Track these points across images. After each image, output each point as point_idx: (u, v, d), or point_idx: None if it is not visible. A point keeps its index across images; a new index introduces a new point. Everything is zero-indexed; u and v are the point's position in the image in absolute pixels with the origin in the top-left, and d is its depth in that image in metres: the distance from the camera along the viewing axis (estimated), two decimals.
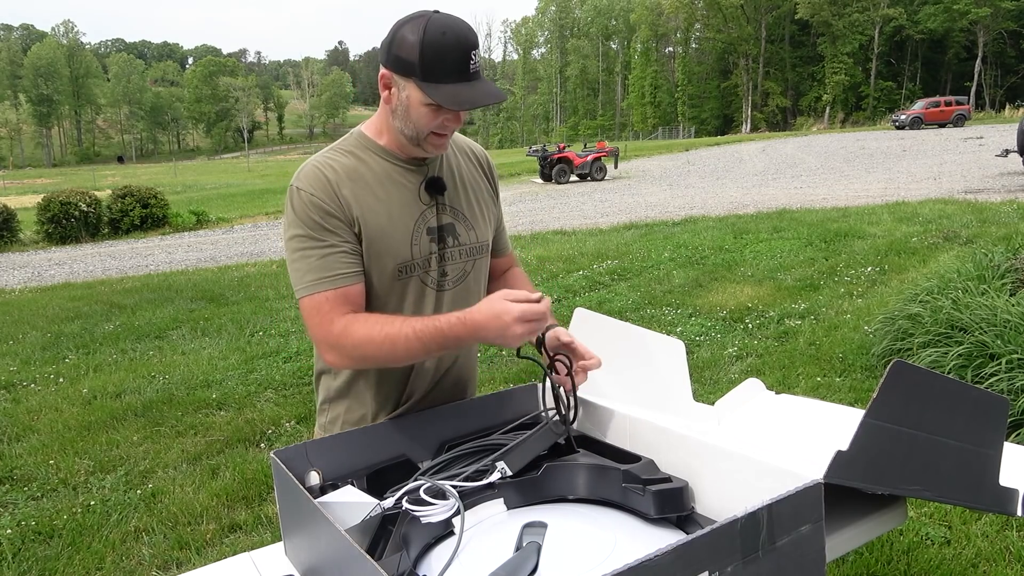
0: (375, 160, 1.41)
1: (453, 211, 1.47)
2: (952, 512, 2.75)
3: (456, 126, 1.37)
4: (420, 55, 1.26)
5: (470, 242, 1.49)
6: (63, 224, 14.76)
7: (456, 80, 1.27)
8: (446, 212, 1.46)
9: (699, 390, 4.17)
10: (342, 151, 1.42)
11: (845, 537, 1.12)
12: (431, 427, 1.42)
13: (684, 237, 9.55)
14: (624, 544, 1.04)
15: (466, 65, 1.27)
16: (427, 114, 1.32)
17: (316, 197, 1.34)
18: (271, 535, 2.93)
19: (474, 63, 1.28)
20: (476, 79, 1.30)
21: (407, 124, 1.35)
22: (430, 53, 1.25)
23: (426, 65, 1.26)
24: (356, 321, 1.32)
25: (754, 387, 1.51)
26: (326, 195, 1.34)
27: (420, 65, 1.26)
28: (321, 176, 1.36)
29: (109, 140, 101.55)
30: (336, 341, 1.33)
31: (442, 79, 1.27)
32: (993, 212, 9.54)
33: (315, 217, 1.34)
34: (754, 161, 24.68)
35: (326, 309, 1.33)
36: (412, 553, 1.09)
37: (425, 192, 1.43)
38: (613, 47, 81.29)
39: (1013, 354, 3.40)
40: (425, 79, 1.27)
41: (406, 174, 1.43)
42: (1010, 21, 49.03)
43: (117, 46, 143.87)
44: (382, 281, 1.40)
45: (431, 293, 1.45)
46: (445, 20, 1.27)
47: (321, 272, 1.33)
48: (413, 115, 1.33)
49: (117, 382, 5.07)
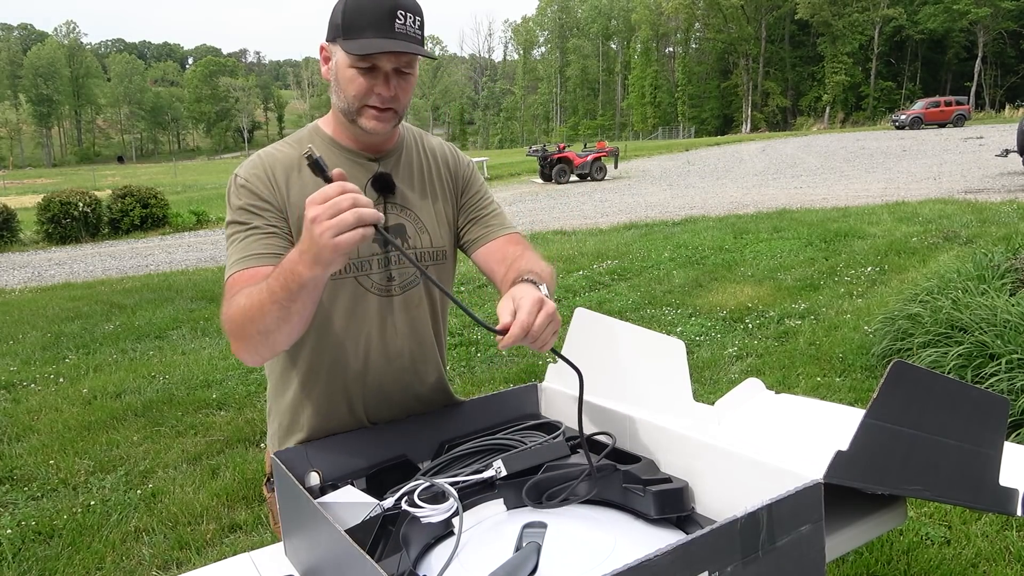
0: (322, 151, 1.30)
1: (404, 211, 1.38)
2: (952, 512, 2.75)
3: (388, 94, 1.26)
4: (343, 13, 1.21)
5: (421, 246, 1.39)
6: (63, 224, 14.76)
7: (375, 34, 1.20)
8: (395, 211, 1.37)
9: (699, 390, 4.17)
10: (289, 143, 1.37)
11: (845, 537, 1.12)
12: (431, 427, 1.42)
13: (684, 237, 9.55)
14: (624, 544, 1.04)
15: (389, 21, 1.19)
16: (353, 78, 1.24)
17: (248, 183, 1.28)
18: (271, 535, 2.92)
19: (400, 22, 1.20)
20: (402, 38, 1.21)
21: (340, 96, 1.28)
22: (351, 9, 1.21)
23: (347, 21, 1.21)
24: (235, 296, 1.18)
25: (754, 387, 1.51)
26: (258, 180, 1.29)
27: (342, 24, 1.21)
28: (258, 164, 1.31)
29: (109, 140, 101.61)
30: (226, 321, 1.18)
31: (361, 34, 1.20)
32: (993, 212, 9.54)
33: (244, 202, 1.28)
34: (754, 161, 24.68)
35: (230, 293, 1.20)
36: (412, 553, 1.09)
37: (372, 188, 1.34)
38: (613, 47, 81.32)
39: (1013, 354, 3.40)
40: (346, 36, 1.21)
41: (353, 168, 1.34)
42: (1010, 21, 49.06)
43: (117, 46, 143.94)
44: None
45: (373, 298, 1.35)
46: None
47: (239, 255, 1.24)
48: (342, 83, 1.26)
49: (117, 382, 5.07)
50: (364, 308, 1.35)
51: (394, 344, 1.40)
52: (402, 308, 1.39)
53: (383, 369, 1.40)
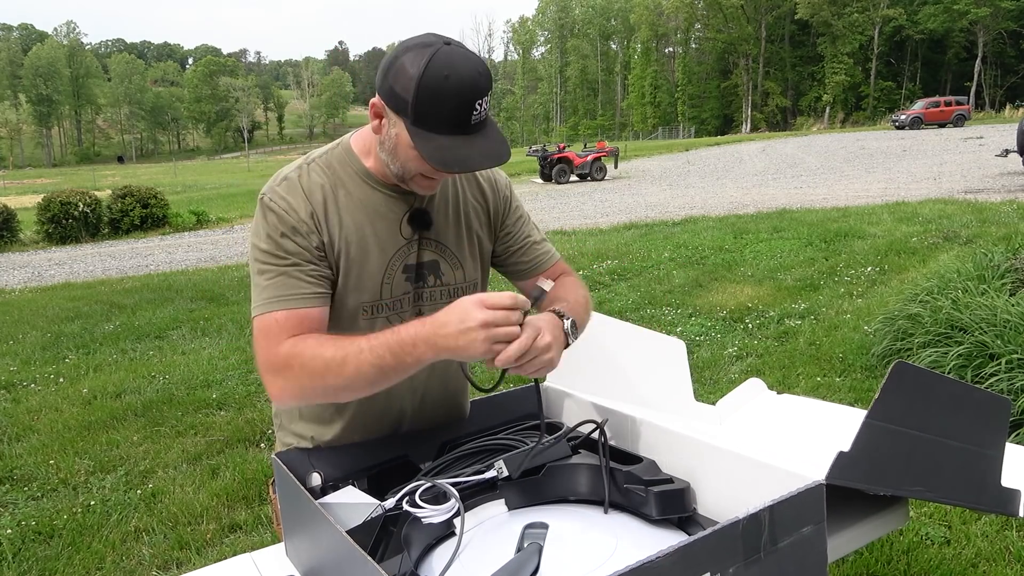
0: (356, 184, 1.26)
1: (439, 247, 1.33)
2: (952, 512, 2.75)
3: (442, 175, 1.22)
4: (415, 95, 1.08)
5: (455, 282, 1.35)
6: (63, 224, 14.76)
7: (451, 132, 1.10)
8: (430, 248, 1.32)
9: (699, 390, 4.17)
10: (323, 166, 1.27)
11: (846, 538, 1.12)
12: (432, 428, 1.42)
13: (684, 237, 9.55)
14: (626, 545, 1.04)
15: (467, 116, 1.10)
16: (415, 159, 1.16)
17: (288, 213, 1.21)
18: (271, 535, 2.92)
19: (477, 113, 1.11)
20: (477, 132, 1.12)
21: (394, 162, 1.21)
22: (426, 96, 1.08)
23: (419, 108, 1.09)
24: (305, 340, 1.16)
25: (755, 387, 1.51)
26: (297, 211, 1.21)
27: (413, 106, 1.09)
28: (296, 190, 1.23)
29: (109, 140, 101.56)
30: (282, 363, 1.15)
31: (435, 128, 1.10)
32: (993, 212, 9.54)
33: (282, 231, 1.20)
34: (754, 161, 24.69)
35: (275, 331, 1.18)
36: (413, 554, 1.09)
37: (408, 225, 1.28)
38: (613, 47, 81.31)
39: (1013, 354, 3.40)
40: (416, 123, 1.11)
41: (389, 202, 1.27)
42: (1010, 21, 49.05)
43: (118, 46, 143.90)
44: (344, 317, 1.27)
45: None
46: (452, 58, 1.09)
47: (277, 291, 1.19)
48: (400, 156, 1.18)
49: (117, 382, 5.07)
50: None
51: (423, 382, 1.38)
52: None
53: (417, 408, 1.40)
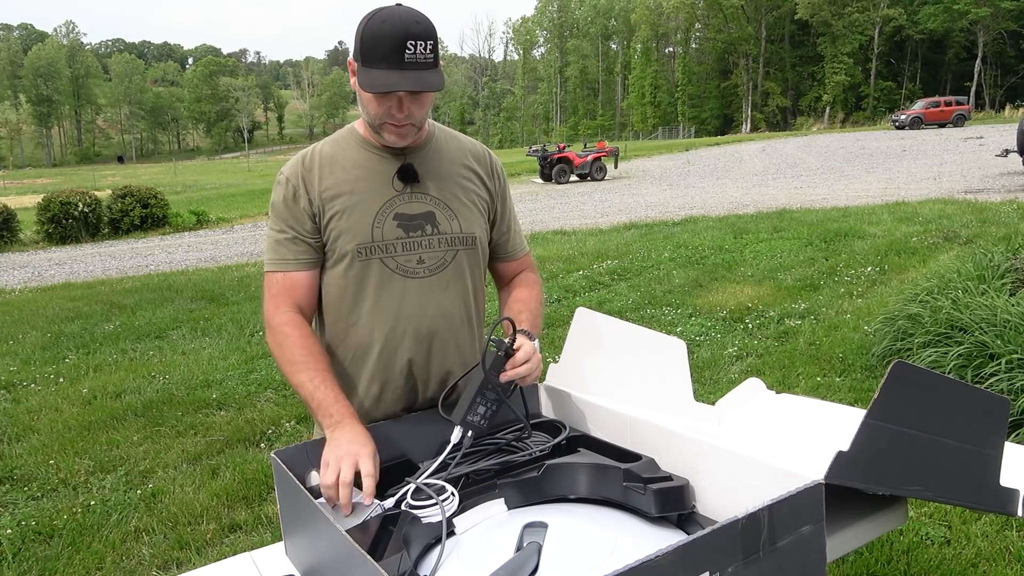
0: (354, 148, 1.47)
1: (434, 200, 1.48)
2: (952, 512, 2.75)
3: (401, 115, 1.37)
4: (360, 39, 1.30)
5: (451, 231, 1.48)
6: (63, 224, 14.76)
7: (386, 67, 1.28)
8: (425, 200, 1.47)
9: (699, 390, 4.17)
10: (328, 141, 1.51)
11: (846, 537, 1.12)
12: (431, 427, 1.42)
13: (684, 237, 9.55)
14: (625, 544, 1.04)
15: (399, 52, 1.27)
16: (370, 100, 1.36)
17: (289, 181, 1.45)
18: (271, 535, 2.93)
19: (411, 53, 1.27)
20: (411, 68, 1.29)
21: (363, 112, 1.41)
22: (368, 38, 1.29)
23: (364, 50, 1.30)
24: (296, 328, 1.42)
25: (755, 387, 1.51)
26: (296, 179, 1.44)
27: (360, 49, 1.31)
28: (298, 161, 1.47)
29: (109, 140, 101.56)
30: (275, 329, 1.44)
31: (374, 64, 1.29)
32: (993, 212, 9.54)
33: (284, 199, 1.45)
34: (754, 161, 24.68)
35: (274, 291, 1.46)
36: (413, 553, 1.09)
37: (398, 179, 1.46)
38: (613, 47, 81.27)
39: (1013, 354, 3.40)
40: (363, 63, 1.31)
41: (381, 161, 1.46)
42: (1010, 21, 49.03)
43: (118, 46, 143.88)
44: (343, 261, 1.44)
45: (398, 279, 1.45)
46: (394, 11, 1.29)
47: (275, 254, 1.46)
48: (363, 102, 1.38)
49: (117, 382, 5.07)
50: (392, 288, 1.45)
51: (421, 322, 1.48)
52: (424, 289, 1.47)
53: (413, 346, 1.48)
